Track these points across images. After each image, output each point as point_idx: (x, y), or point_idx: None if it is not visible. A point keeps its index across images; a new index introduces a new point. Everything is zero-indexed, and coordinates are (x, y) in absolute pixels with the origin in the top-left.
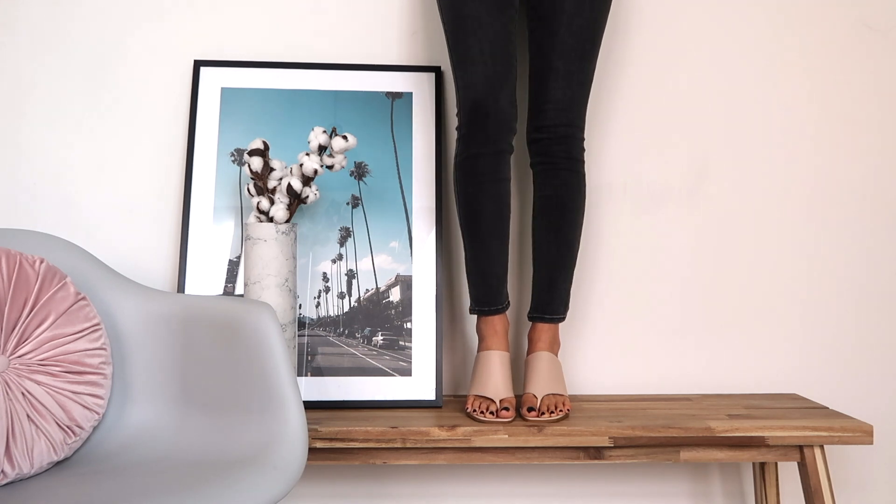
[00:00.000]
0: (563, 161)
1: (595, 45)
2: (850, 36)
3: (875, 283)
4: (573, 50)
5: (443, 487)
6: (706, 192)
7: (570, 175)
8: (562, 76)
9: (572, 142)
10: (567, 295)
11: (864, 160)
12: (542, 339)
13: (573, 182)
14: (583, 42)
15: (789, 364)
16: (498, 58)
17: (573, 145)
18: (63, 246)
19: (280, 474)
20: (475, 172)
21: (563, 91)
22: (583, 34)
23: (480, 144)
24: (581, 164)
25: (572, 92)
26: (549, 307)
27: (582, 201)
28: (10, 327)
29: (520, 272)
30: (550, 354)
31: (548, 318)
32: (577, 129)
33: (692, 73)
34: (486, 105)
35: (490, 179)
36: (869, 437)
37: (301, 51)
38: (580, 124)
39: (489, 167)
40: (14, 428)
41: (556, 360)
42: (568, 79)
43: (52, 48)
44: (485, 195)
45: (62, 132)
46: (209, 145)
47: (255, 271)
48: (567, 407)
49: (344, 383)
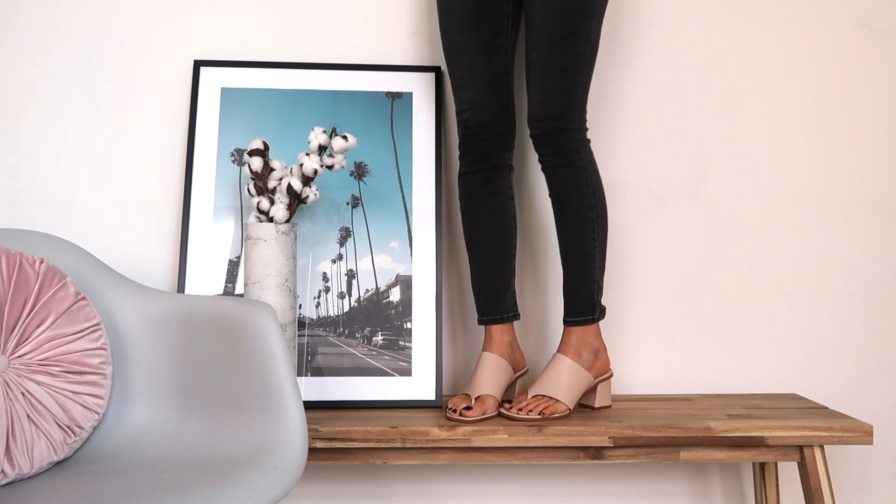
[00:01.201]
0: (553, 157)
1: (576, 33)
2: (850, 36)
3: (875, 284)
4: (549, 39)
5: (443, 487)
6: (707, 193)
7: (565, 171)
8: (539, 67)
9: (560, 135)
10: (589, 295)
11: (864, 160)
12: (565, 342)
13: (568, 178)
14: (558, 29)
15: (789, 364)
16: (479, 80)
17: (563, 138)
18: (63, 246)
19: (280, 474)
20: (469, 187)
21: (540, 83)
22: (557, 21)
23: (472, 162)
24: (578, 156)
25: (550, 82)
26: (569, 309)
27: (585, 197)
28: (10, 327)
29: (533, 279)
30: (565, 358)
31: (569, 321)
32: (564, 120)
33: (693, 72)
34: (473, 127)
35: (484, 194)
36: (869, 437)
37: (301, 51)
38: (570, 115)
39: (482, 183)
40: (14, 428)
41: (569, 365)
42: (545, 69)
43: (52, 48)
44: (478, 210)
45: (62, 132)
46: (209, 145)
47: (255, 271)
48: (549, 411)
49: (344, 383)
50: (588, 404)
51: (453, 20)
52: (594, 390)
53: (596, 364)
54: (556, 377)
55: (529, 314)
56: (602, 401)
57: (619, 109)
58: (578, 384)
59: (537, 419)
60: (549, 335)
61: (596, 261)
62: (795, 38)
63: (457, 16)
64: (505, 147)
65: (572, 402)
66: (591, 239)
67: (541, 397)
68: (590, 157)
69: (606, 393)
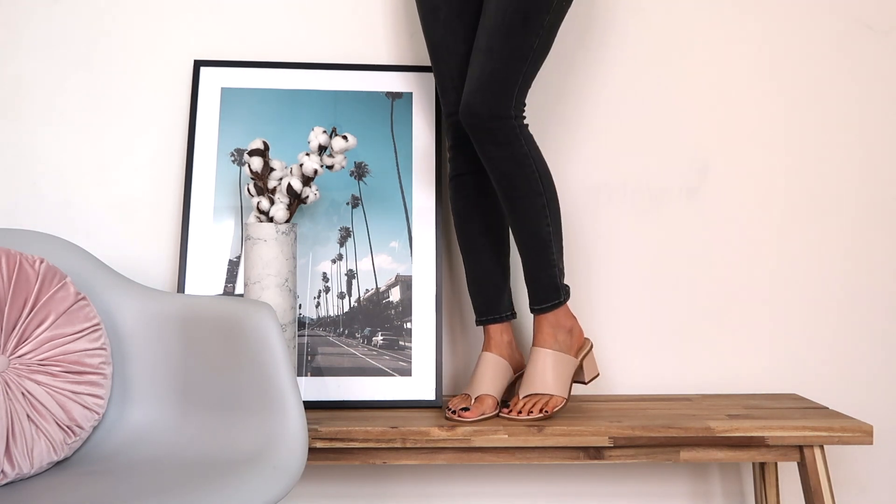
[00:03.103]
0: (492, 148)
1: (529, 22)
2: (850, 36)
3: (875, 283)
4: (499, 27)
5: (443, 487)
6: (706, 193)
7: (507, 161)
8: (483, 52)
9: (497, 122)
10: (552, 280)
11: (864, 160)
12: (539, 332)
13: (511, 167)
14: (510, 17)
15: (789, 364)
16: None
17: (500, 126)
18: (63, 246)
19: (280, 474)
20: (461, 189)
21: (481, 67)
22: (508, 8)
23: (464, 164)
24: (518, 143)
25: (491, 69)
26: (535, 297)
27: (532, 184)
28: (10, 327)
29: None
30: (544, 350)
31: (537, 309)
32: (500, 108)
33: (692, 72)
34: (460, 128)
35: (477, 196)
36: (869, 437)
37: (301, 51)
38: (506, 103)
39: (474, 185)
40: (14, 428)
41: (550, 355)
42: (488, 55)
43: (51, 48)
44: (472, 212)
45: (62, 132)
46: (209, 145)
47: (255, 271)
48: (549, 407)
49: (344, 383)
50: (579, 380)
51: (440, 18)
52: (581, 368)
53: (573, 342)
54: (541, 372)
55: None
56: (590, 373)
57: (616, 109)
58: (565, 371)
59: (539, 418)
60: None
61: (553, 245)
62: (795, 38)
63: (444, 14)
64: None
65: (565, 390)
66: (544, 225)
67: (534, 396)
68: (531, 143)
69: (592, 364)
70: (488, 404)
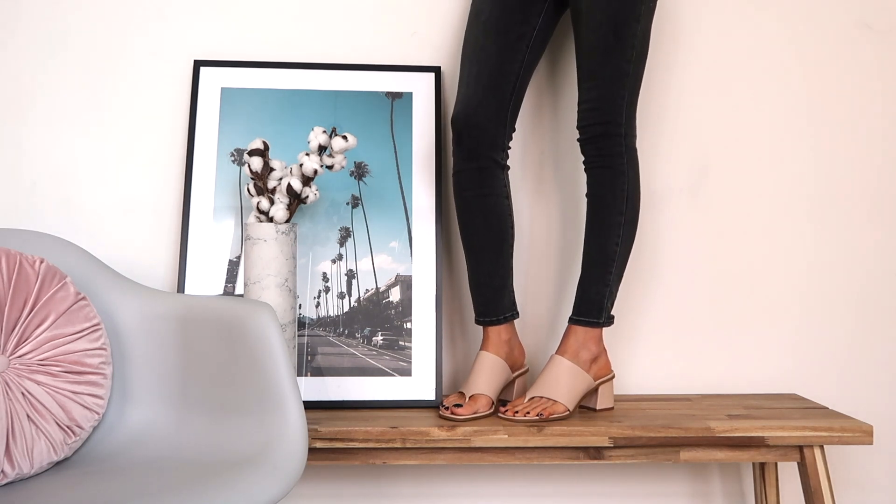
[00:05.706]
0: (596, 158)
1: (621, 40)
2: (850, 36)
3: (875, 283)
4: (595, 48)
5: (443, 487)
6: (706, 193)
7: (604, 173)
8: (586, 76)
9: (605, 140)
10: (601, 299)
11: (864, 160)
12: (565, 344)
13: (606, 180)
14: (604, 38)
15: (789, 364)
16: (483, 80)
17: (607, 141)
18: (63, 246)
19: (280, 474)
20: (461, 186)
21: (588, 91)
22: (601, 30)
23: (462, 161)
24: (620, 160)
25: (597, 91)
26: (577, 308)
27: (618, 201)
28: (10, 327)
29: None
30: (562, 359)
31: (574, 320)
32: (611, 125)
33: (693, 72)
34: (460, 124)
35: (476, 194)
36: (869, 437)
37: (301, 51)
38: (616, 120)
39: (474, 182)
40: (14, 428)
41: (567, 366)
42: (592, 77)
43: (52, 48)
44: (473, 211)
45: (62, 132)
46: (209, 145)
47: (255, 271)
48: (548, 412)
49: (344, 383)
50: (589, 406)
51: (480, 20)
52: (595, 392)
53: (594, 367)
54: (554, 378)
55: (529, 313)
56: (604, 403)
57: None
58: (578, 385)
59: (535, 420)
60: (548, 335)
61: (615, 266)
62: (795, 38)
63: (485, 17)
64: (496, 146)
65: (572, 403)
66: (614, 243)
67: (539, 398)
68: (632, 164)
69: (608, 394)
70: (482, 403)
